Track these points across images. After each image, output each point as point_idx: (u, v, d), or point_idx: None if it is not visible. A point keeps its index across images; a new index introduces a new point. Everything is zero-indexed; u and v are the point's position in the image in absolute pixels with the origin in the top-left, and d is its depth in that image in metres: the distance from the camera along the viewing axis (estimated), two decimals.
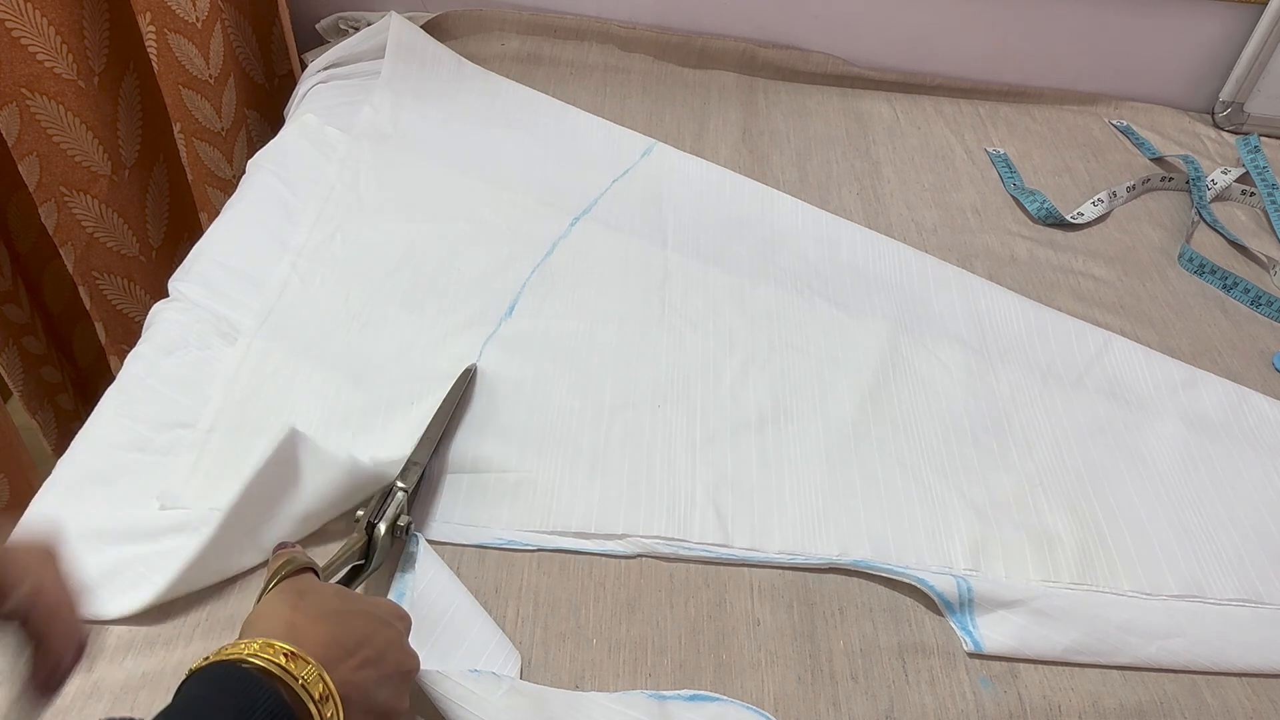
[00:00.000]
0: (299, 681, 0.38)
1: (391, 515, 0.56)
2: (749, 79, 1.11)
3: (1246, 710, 0.56)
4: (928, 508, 0.65)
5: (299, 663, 0.39)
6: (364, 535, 0.55)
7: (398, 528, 0.56)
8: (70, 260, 1.00)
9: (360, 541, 0.55)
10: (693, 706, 0.52)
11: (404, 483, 0.59)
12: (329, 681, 0.39)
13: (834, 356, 0.75)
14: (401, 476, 0.60)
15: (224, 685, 0.37)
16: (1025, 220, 0.95)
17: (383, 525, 0.56)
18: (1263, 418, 0.75)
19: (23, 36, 0.85)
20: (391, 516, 0.56)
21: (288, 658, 0.39)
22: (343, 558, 0.53)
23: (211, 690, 0.37)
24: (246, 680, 0.37)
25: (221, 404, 0.65)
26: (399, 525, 0.56)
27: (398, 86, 0.98)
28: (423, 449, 0.62)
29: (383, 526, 0.56)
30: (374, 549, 0.55)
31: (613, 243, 0.84)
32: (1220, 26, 1.09)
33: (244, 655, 0.38)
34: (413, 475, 0.60)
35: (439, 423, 0.64)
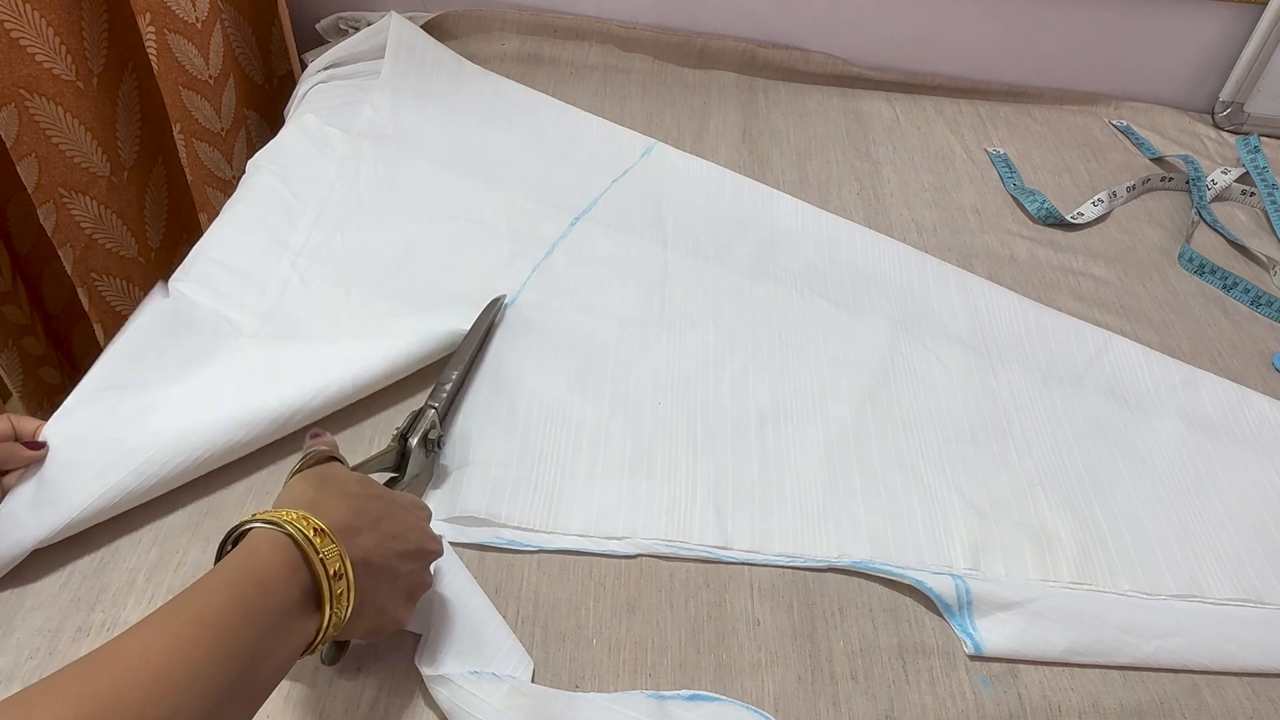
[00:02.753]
0: (319, 555, 0.41)
1: (423, 429, 0.60)
2: (749, 79, 1.11)
3: (1246, 710, 0.56)
4: (927, 507, 0.65)
5: (324, 539, 0.42)
6: (397, 446, 0.59)
7: (429, 441, 0.61)
8: (69, 261, 1.00)
9: (393, 451, 0.59)
10: (692, 706, 0.52)
11: (434, 401, 0.64)
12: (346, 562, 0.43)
13: (834, 356, 0.75)
14: (432, 396, 0.64)
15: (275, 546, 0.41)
16: (1025, 220, 0.94)
17: (414, 439, 0.60)
18: (1263, 418, 0.75)
19: (21, 37, 0.85)
20: (423, 430, 0.60)
21: (316, 532, 0.42)
22: (374, 465, 0.57)
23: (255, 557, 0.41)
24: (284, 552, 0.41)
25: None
26: (430, 439, 0.61)
27: (398, 86, 0.98)
28: (450, 370, 0.66)
29: (414, 440, 0.60)
30: (407, 460, 0.59)
31: (613, 243, 0.84)
32: (1220, 26, 1.09)
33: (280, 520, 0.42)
34: (441, 394, 0.64)
35: (467, 346, 0.69)
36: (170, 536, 0.57)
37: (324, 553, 0.42)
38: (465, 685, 0.49)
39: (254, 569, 0.40)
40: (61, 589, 0.54)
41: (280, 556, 0.41)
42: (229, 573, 0.40)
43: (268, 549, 0.41)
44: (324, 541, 0.42)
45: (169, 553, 0.57)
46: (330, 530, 0.43)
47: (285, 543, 0.41)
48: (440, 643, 0.52)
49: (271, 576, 0.40)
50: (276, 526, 0.42)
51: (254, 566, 0.40)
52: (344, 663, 0.52)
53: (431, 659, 0.51)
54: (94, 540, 0.57)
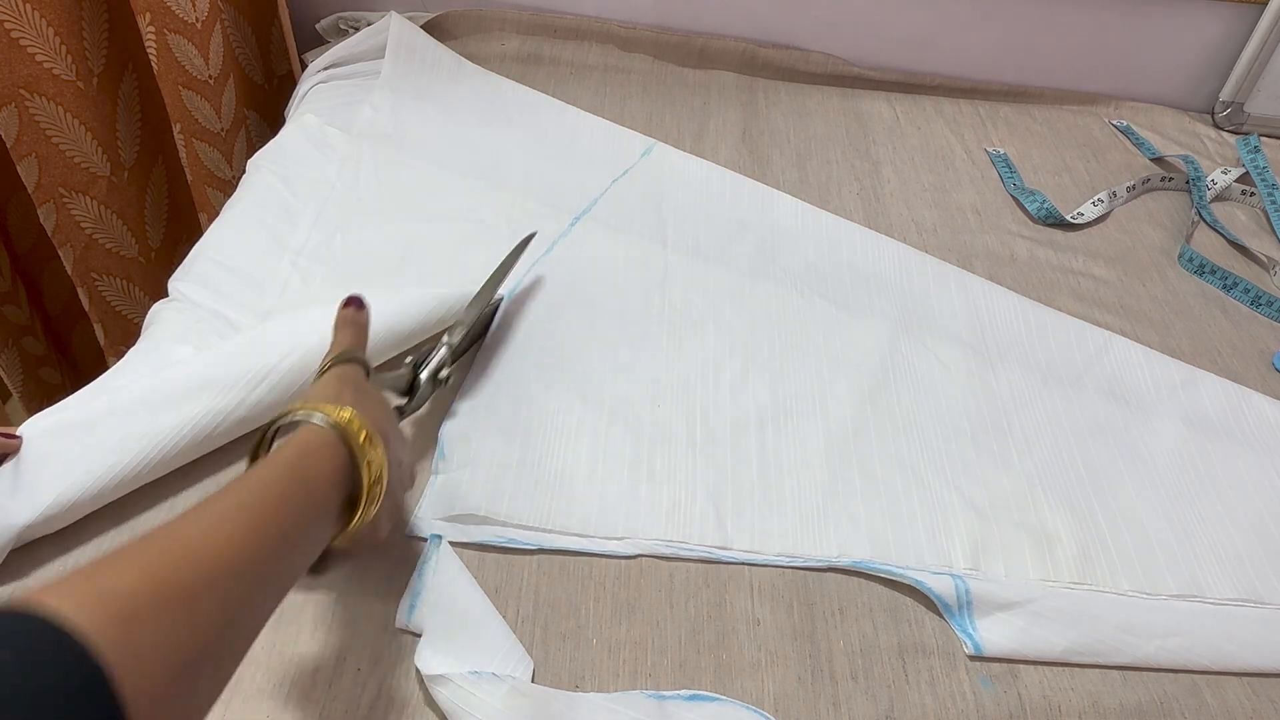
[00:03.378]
0: (364, 459, 0.44)
1: (435, 365, 0.62)
2: (749, 79, 1.11)
3: (1246, 710, 0.56)
4: (927, 507, 0.65)
5: (373, 446, 0.45)
6: (409, 375, 0.60)
7: (439, 378, 0.62)
8: (69, 261, 1.00)
9: (405, 379, 0.60)
10: (692, 706, 0.52)
11: (450, 338, 0.64)
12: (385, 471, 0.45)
13: (834, 356, 0.75)
14: (449, 332, 0.65)
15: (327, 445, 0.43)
16: (1025, 220, 0.95)
17: (425, 372, 0.61)
18: (1263, 418, 0.75)
19: (21, 37, 0.85)
20: (435, 366, 0.62)
21: (366, 438, 0.44)
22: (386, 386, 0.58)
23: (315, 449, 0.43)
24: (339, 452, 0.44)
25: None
26: (440, 376, 0.62)
27: (398, 86, 0.98)
28: (470, 311, 0.67)
29: (425, 373, 0.61)
30: (416, 390, 0.60)
31: (613, 242, 0.84)
32: (1220, 26, 1.09)
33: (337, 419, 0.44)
34: (458, 333, 0.65)
35: (491, 286, 0.70)
36: None
37: (370, 458, 0.44)
38: (465, 685, 0.49)
39: (304, 470, 0.42)
40: None
41: (331, 460, 0.43)
42: (282, 470, 0.41)
43: (318, 449, 0.43)
44: (370, 446, 0.44)
45: None
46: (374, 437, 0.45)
47: (335, 443, 0.43)
48: (440, 643, 0.52)
49: (320, 479, 0.42)
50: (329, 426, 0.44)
51: (304, 468, 0.42)
52: (344, 663, 0.52)
53: (431, 659, 0.51)
54: (94, 540, 0.57)
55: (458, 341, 0.65)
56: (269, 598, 0.39)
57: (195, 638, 0.33)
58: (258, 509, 0.38)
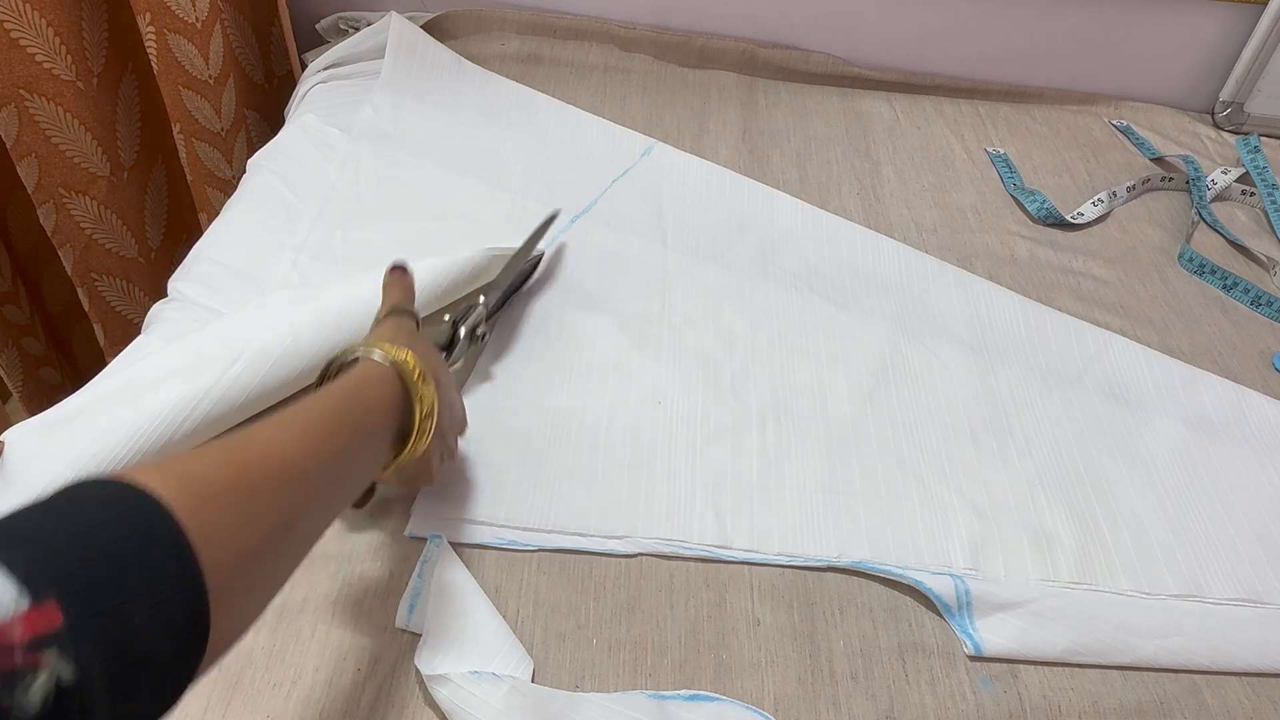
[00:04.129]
0: (417, 394, 0.48)
1: (472, 322, 0.66)
2: (749, 79, 1.11)
3: (1246, 710, 0.56)
4: (927, 507, 0.65)
5: (426, 383, 0.49)
6: (449, 330, 0.65)
7: (476, 334, 0.66)
8: (69, 262, 1.00)
9: (444, 334, 0.65)
10: (692, 706, 0.52)
11: (486, 299, 0.69)
12: (436, 408, 0.49)
13: (834, 356, 0.75)
14: (485, 293, 0.69)
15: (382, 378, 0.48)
16: (1025, 220, 0.94)
17: (464, 328, 0.66)
18: (1263, 418, 0.75)
19: (21, 37, 0.85)
20: (472, 323, 0.66)
21: (420, 375, 0.49)
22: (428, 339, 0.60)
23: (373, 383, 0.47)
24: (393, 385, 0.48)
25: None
26: (477, 332, 0.66)
27: (398, 86, 0.98)
28: (505, 275, 0.72)
29: (464, 329, 0.65)
30: (455, 344, 0.65)
31: (613, 242, 0.84)
32: (1220, 26, 1.09)
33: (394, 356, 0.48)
34: (494, 294, 0.70)
35: (523, 254, 0.74)
36: None
37: (422, 393, 0.48)
38: (465, 685, 0.49)
39: (363, 397, 0.46)
40: None
41: (385, 389, 0.47)
42: (342, 397, 0.46)
43: (374, 379, 0.47)
44: (423, 383, 0.49)
45: None
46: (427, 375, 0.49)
47: (391, 377, 0.48)
48: (440, 643, 0.52)
49: (377, 404, 0.46)
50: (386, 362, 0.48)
51: (362, 395, 0.46)
52: (344, 663, 0.52)
53: (431, 659, 0.51)
54: None
55: (494, 301, 0.70)
56: (327, 506, 0.43)
57: (261, 526, 0.36)
58: (320, 425, 0.42)
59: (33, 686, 0.25)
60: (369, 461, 0.47)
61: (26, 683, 0.25)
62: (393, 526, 0.59)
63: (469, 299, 0.69)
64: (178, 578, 0.30)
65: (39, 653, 0.25)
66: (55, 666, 0.26)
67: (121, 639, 0.28)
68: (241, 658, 0.52)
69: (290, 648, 0.53)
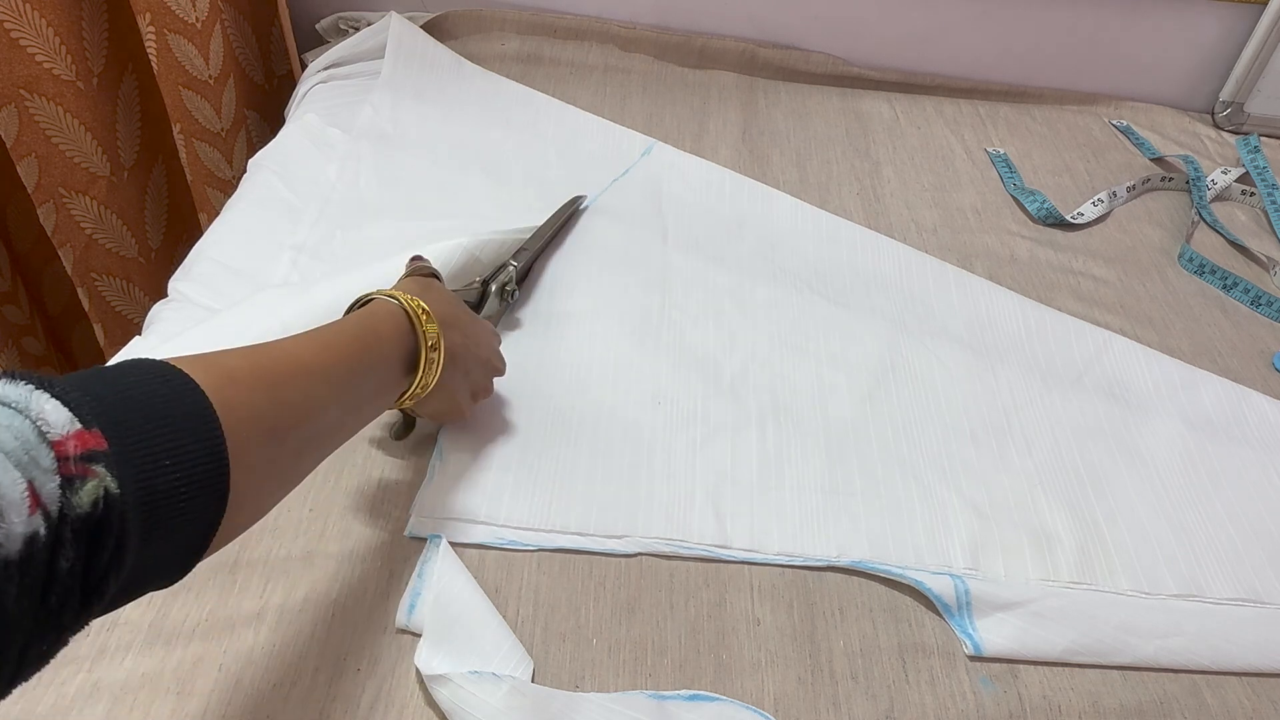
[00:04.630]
0: (421, 329, 0.53)
1: (501, 280, 0.72)
2: (749, 79, 1.11)
3: (1246, 710, 0.56)
4: (927, 507, 0.65)
5: (430, 321, 0.54)
6: (480, 288, 0.70)
7: (505, 291, 0.72)
8: (69, 262, 1.00)
9: (475, 291, 0.70)
10: (692, 706, 0.52)
11: (516, 260, 0.74)
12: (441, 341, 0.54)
13: (834, 356, 0.75)
14: (515, 255, 0.75)
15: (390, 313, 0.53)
16: (1025, 220, 0.95)
17: (494, 286, 0.71)
18: (1263, 418, 0.75)
19: (21, 37, 0.85)
20: (501, 281, 0.72)
21: (423, 313, 0.53)
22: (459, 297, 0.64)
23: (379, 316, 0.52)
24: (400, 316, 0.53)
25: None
26: (506, 290, 0.72)
27: (398, 86, 0.98)
28: (534, 240, 0.78)
29: (493, 287, 0.71)
30: (484, 301, 0.70)
31: (613, 241, 0.84)
32: (1220, 26, 1.09)
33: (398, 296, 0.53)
34: (523, 256, 0.75)
35: (551, 225, 0.81)
36: None
37: (426, 329, 0.53)
38: (465, 685, 0.49)
39: (372, 325, 0.51)
40: None
41: (393, 322, 0.52)
42: (354, 323, 0.51)
43: (383, 313, 0.52)
44: (427, 320, 0.53)
45: None
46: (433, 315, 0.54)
47: (398, 313, 0.53)
48: (440, 643, 0.52)
49: (385, 333, 0.51)
50: (395, 301, 0.53)
51: (372, 324, 0.51)
52: (344, 663, 0.52)
53: (431, 659, 0.51)
54: None
55: (523, 264, 0.75)
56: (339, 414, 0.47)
57: (277, 413, 0.41)
58: (333, 341, 0.48)
59: (83, 490, 0.29)
60: (379, 383, 0.51)
61: (77, 487, 0.29)
62: (393, 526, 0.60)
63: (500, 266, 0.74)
64: (204, 437, 0.35)
65: (89, 465, 0.29)
66: (103, 478, 0.30)
67: (153, 475, 0.32)
68: (241, 658, 0.52)
69: (290, 648, 0.53)
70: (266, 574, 0.56)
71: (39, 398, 0.30)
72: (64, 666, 0.51)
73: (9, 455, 0.27)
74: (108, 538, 0.30)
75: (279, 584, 0.56)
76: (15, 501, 0.27)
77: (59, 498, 0.28)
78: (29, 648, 0.28)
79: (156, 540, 0.33)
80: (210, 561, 0.56)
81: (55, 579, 0.28)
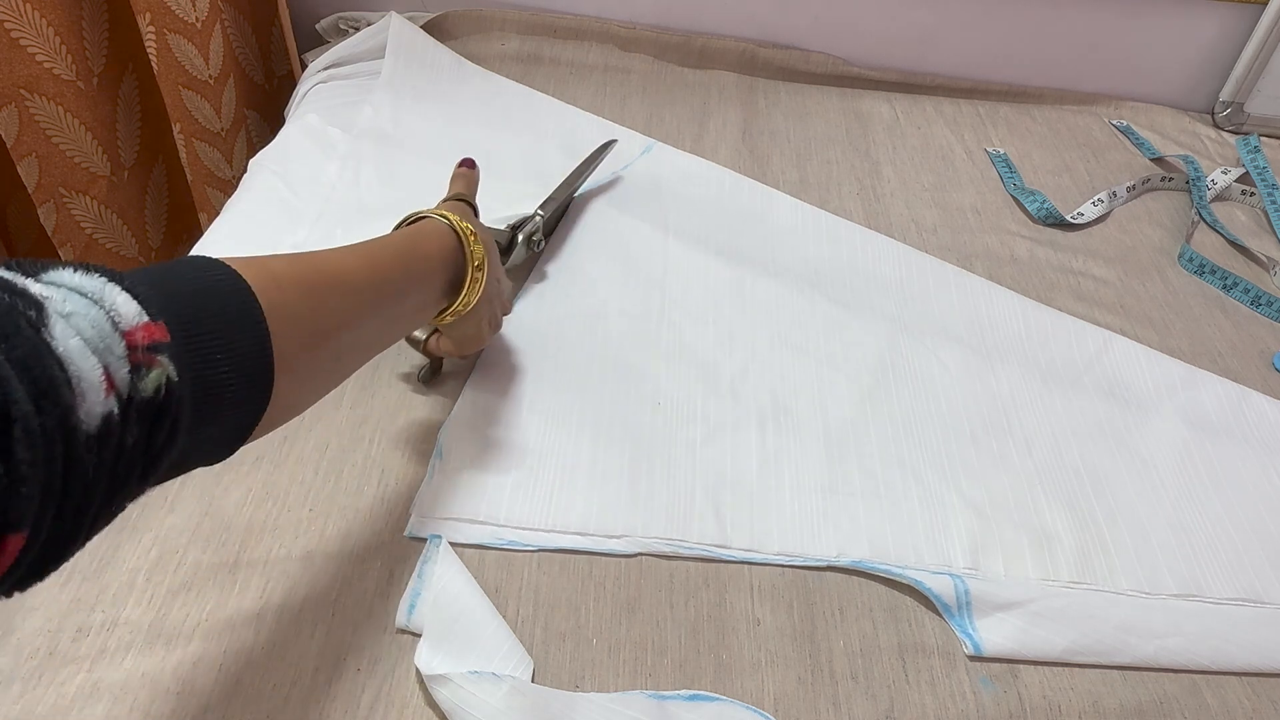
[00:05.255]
0: (469, 248, 0.56)
1: (529, 230, 0.75)
2: (749, 79, 1.11)
3: (1246, 710, 0.56)
4: (927, 507, 0.65)
5: (477, 243, 0.57)
6: (508, 234, 0.74)
7: (533, 240, 0.76)
8: None
9: (505, 236, 0.74)
10: (692, 706, 0.52)
11: (543, 210, 0.78)
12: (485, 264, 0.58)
13: (834, 355, 0.75)
14: (542, 205, 0.79)
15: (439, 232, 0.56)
16: (1025, 220, 0.95)
17: (522, 234, 0.74)
18: (1263, 418, 0.75)
19: (22, 37, 0.85)
20: (529, 230, 0.75)
21: (471, 235, 0.57)
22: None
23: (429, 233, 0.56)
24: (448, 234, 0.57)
25: None
26: (534, 238, 0.76)
27: (398, 86, 0.98)
28: (561, 190, 0.82)
29: (522, 235, 0.74)
30: (513, 248, 0.74)
31: (612, 240, 0.84)
32: (1220, 26, 1.09)
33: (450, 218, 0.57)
34: (550, 207, 0.79)
35: (578, 173, 0.84)
36: (170, 536, 0.57)
37: (473, 249, 0.56)
38: (465, 685, 0.49)
39: (419, 243, 0.54)
40: (61, 589, 0.54)
41: (440, 241, 0.55)
42: (401, 240, 0.54)
43: (431, 232, 0.55)
44: (474, 241, 0.57)
45: (169, 552, 0.57)
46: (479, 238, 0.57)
47: (447, 233, 0.56)
48: (440, 643, 0.52)
49: (430, 251, 0.54)
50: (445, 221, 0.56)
51: (419, 242, 0.54)
52: (344, 663, 0.52)
53: (431, 659, 0.51)
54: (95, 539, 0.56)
55: (550, 214, 0.79)
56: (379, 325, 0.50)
57: (319, 318, 0.44)
58: (378, 256, 0.50)
59: (149, 377, 0.32)
60: (420, 300, 0.54)
61: (143, 374, 0.32)
62: (393, 526, 0.60)
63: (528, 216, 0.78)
64: (252, 337, 0.38)
65: (154, 355, 0.33)
66: (165, 368, 0.33)
67: (207, 368, 0.36)
68: (241, 657, 0.52)
69: (290, 648, 0.53)
70: (266, 574, 0.56)
71: (112, 290, 0.32)
72: (64, 666, 0.51)
73: (88, 343, 0.30)
74: (165, 420, 0.33)
75: (279, 584, 0.56)
76: (95, 385, 0.30)
77: (128, 383, 0.31)
78: (100, 512, 0.32)
79: (205, 425, 0.36)
80: (210, 561, 0.56)
81: (123, 453, 0.32)
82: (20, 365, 0.27)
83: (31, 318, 0.29)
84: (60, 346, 0.29)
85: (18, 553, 0.28)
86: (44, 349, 0.29)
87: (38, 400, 0.28)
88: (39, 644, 0.52)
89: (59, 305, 0.30)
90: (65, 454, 0.29)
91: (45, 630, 0.52)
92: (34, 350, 0.28)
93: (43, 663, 0.51)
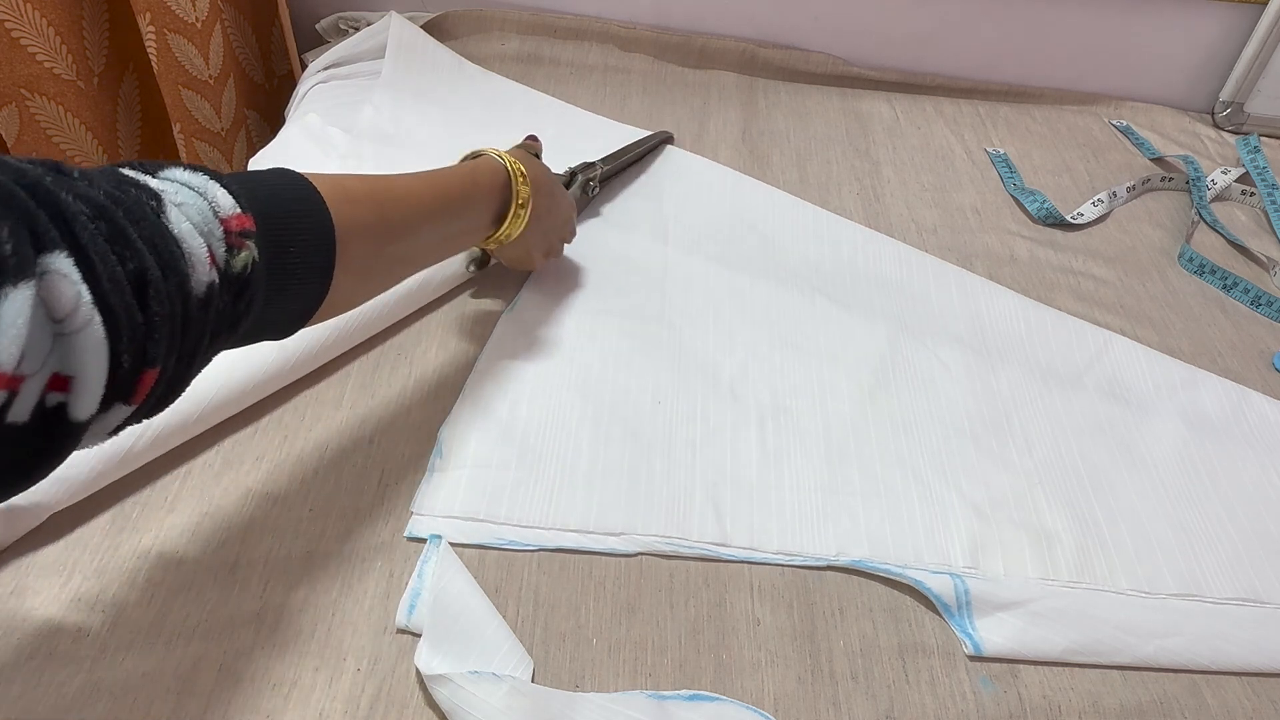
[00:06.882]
0: (515, 188, 0.64)
1: (585, 176, 0.83)
2: (749, 79, 1.11)
3: (1246, 710, 0.56)
4: (927, 506, 0.65)
5: (524, 184, 0.65)
6: (566, 178, 0.81)
7: (589, 185, 0.83)
8: None
9: (564, 178, 0.80)
10: (692, 706, 0.52)
11: (604, 164, 0.86)
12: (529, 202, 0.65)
13: (834, 355, 0.75)
14: (604, 160, 0.87)
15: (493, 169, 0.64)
16: (1025, 220, 0.95)
17: (580, 178, 0.83)
18: (1263, 418, 0.75)
19: (22, 37, 0.85)
20: (585, 177, 0.83)
21: (521, 175, 0.64)
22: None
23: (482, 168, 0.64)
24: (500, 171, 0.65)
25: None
26: (590, 184, 0.84)
27: (398, 86, 0.98)
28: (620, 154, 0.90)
29: (580, 179, 0.82)
30: (570, 187, 0.81)
31: (612, 240, 0.84)
32: (1220, 26, 1.09)
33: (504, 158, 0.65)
34: (610, 161, 0.87)
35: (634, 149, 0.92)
36: (171, 537, 0.57)
37: (519, 188, 0.64)
38: (465, 685, 0.49)
39: (475, 176, 0.62)
40: (62, 588, 0.54)
41: (492, 177, 0.63)
42: (461, 170, 0.62)
43: (487, 168, 0.63)
44: (522, 182, 0.64)
45: (169, 552, 0.57)
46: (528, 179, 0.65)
47: (501, 170, 0.64)
48: (440, 643, 0.52)
49: (484, 184, 0.62)
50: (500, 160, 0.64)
51: (476, 174, 0.62)
52: (344, 663, 0.52)
53: (431, 659, 0.51)
54: (95, 540, 0.57)
55: (608, 167, 0.86)
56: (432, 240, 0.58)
57: (380, 228, 0.51)
58: (438, 181, 0.59)
59: (239, 258, 0.39)
60: (469, 224, 0.62)
61: (235, 254, 0.39)
62: (393, 526, 0.60)
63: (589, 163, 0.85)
64: (320, 236, 0.46)
65: (244, 240, 0.40)
66: (251, 251, 0.40)
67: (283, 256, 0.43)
68: (242, 657, 0.52)
69: (290, 648, 0.53)
70: (266, 574, 0.56)
71: (213, 186, 0.39)
72: (64, 667, 0.51)
73: (196, 227, 0.37)
74: (246, 293, 0.40)
75: (279, 584, 0.56)
76: (201, 259, 0.37)
77: (225, 260, 0.39)
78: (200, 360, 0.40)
79: (276, 303, 0.44)
80: (210, 561, 0.56)
81: (219, 314, 0.39)
82: (149, 243, 0.34)
83: (153, 206, 0.36)
84: (175, 229, 0.36)
85: (152, 384, 0.35)
86: (165, 230, 0.36)
87: (164, 269, 0.35)
88: (39, 644, 0.52)
89: (173, 196, 0.37)
90: (183, 312, 0.36)
91: (46, 630, 0.52)
92: (158, 231, 0.35)
93: (43, 663, 0.51)
